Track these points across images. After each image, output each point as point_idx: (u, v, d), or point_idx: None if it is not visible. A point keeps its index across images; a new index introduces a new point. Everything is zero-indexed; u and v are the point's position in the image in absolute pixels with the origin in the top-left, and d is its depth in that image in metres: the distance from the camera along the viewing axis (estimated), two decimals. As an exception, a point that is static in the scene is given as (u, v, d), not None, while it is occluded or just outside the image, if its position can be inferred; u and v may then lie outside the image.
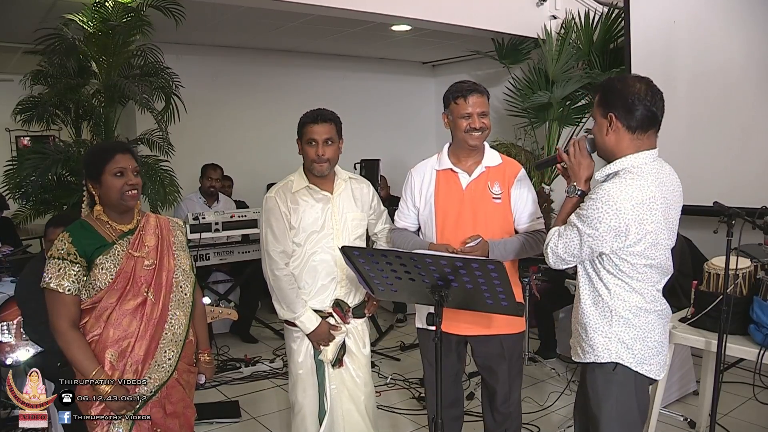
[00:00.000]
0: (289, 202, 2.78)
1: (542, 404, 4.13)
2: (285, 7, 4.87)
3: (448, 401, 2.91)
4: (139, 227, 2.34)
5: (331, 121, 2.80)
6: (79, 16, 4.52)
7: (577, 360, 2.30)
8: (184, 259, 2.44)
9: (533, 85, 6.25)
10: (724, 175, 4.57)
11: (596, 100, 2.18)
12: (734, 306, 2.89)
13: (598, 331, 2.18)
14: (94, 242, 2.20)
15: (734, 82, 4.64)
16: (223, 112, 7.01)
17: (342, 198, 2.87)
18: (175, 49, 5.89)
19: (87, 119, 4.99)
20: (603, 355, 2.17)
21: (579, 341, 2.27)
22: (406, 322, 6.15)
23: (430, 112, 8.38)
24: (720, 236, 2.78)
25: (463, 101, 2.66)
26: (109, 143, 3.05)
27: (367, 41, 6.82)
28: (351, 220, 2.88)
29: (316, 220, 2.79)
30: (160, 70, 5.01)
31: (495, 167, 2.77)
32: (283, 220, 2.77)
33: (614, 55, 5.78)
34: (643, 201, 2.02)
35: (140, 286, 2.26)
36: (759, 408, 3.35)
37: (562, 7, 6.17)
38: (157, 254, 2.32)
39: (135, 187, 2.27)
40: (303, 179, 2.83)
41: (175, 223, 2.51)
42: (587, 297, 2.22)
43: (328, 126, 2.77)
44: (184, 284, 2.40)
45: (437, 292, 2.11)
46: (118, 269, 2.21)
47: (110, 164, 2.22)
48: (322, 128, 2.75)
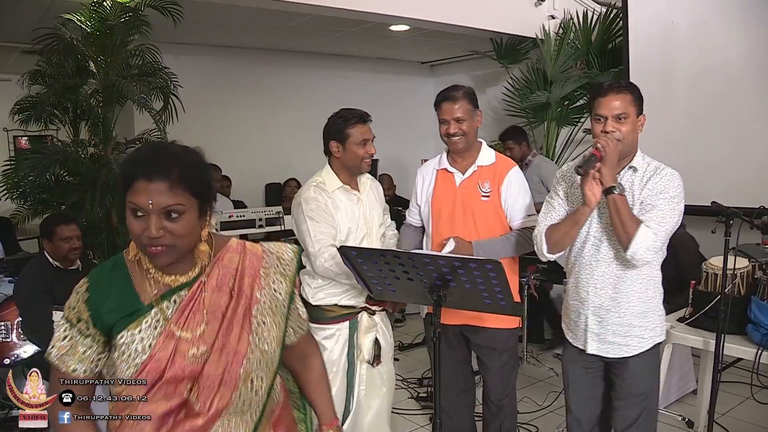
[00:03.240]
0: (329, 201, 2.76)
1: (541, 404, 4.13)
2: (283, 6, 4.87)
3: (459, 389, 3.05)
4: (201, 281, 1.46)
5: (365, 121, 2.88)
6: (77, 16, 4.51)
7: (628, 354, 2.39)
8: (274, 328, 1.51)
9: (532, 85, 6.26)
10: (722, 174, 4.57)
11: (630, 99, 2.29)
12: (732, 306, 2.89)
13: (657, 312, 2.40)
14: (122, 304, 1.42)
15: (732, 83, 4.65)
16: (221, 112, 7.01)
17: (369, 197, 2.91)
18: (174, 48, 5.88)
19: (85, 119, 4.98)
20: (661, 335, 2.42)
21: (628, 334, 2.37)
22: (404, 323, 6.14)
23: (428, 112, 8.25)
24: (718, 236, 2.78)
25: (439, 109, 2.84)
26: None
27: (366, 41, 6.82)
28: (377, 218, 2.93)
29: (352, 219, 2.79)
30: (159, 69, 5.00)
31: (487, 166, 2.86)
32: (329, 213, 2.74)
33: (612, 56, 5.79)
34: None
35: (179, 383, 1.40)
36: (757, 407, 3.36)
37: (561, 7, 6.18)
38: (219, 329, 1.43)
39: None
40: (335, 179, 2.81)
41: (281, 257, 1.58)
42: (641, 284, 2.35)
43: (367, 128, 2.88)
44: (262, 376, 1.48)
45: (435, 292, 2.12)
46: (146, 356, 1.39)
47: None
48: (368, 128, 2.85)
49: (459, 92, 2.79)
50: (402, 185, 6.90)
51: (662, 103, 4.71)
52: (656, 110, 3.98)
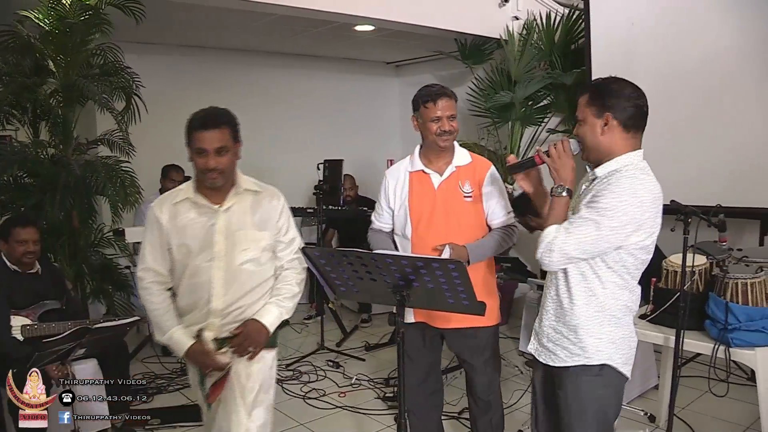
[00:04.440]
0: (169, 214, 2.44)
1: (507, 402, 4.15)
2: (248, 6, 4.84)
3: (429, 390, 3.05)
4: None
5: (225, 125, 2.39)
6: (34, 13, 4.41)
7: (558, 364, 2.21)
8: None
9: (496, 86, 6.30)
10: (680, 174, 4.65)
11: (586, 100, 2.15)
12: (691, 302, 2.96)
13: (590, 331, 2.14)
14: None
15: (691, 83, 4.74)
16: (185, 112, 6.72)
17: (233, 212, 2.44)
18: (137, 48, 5.79)
19: (45, 119, 4.88)
20: (594, 357, 2.13)
21: (562, 344, 2.20)
22: (370, 323, 6.14)
23: (394, 111, 8.39)
24: (677, 234, 2.84)
25: (433, 105, 2.75)
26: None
27: (331, 41, 6.80)
28: (241, 240, 2.44)
29: (196, 236, 2.41)
30: (121, 69, 4.92)
31: (465, 166, 2.84)
32: (160, 233, 2.44)
33: (575, 56, 5.85)
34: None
35: None
36: (714, 401, 3.43)
37: (524, 8, 6.22)
38: None
39: None
40: (190, 189, 2.46)
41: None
42: (579, 296, 2.15)
43: (219, 132, 2.36)
44: None
45: (398, 293, 2.12)
46: None
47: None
48: (212, 135, 2.35)
49: (450, 90, 2.80)
50: (367, 186, 6.90)
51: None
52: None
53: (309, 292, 6.65)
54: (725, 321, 2.91)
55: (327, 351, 5.28)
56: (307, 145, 7.45)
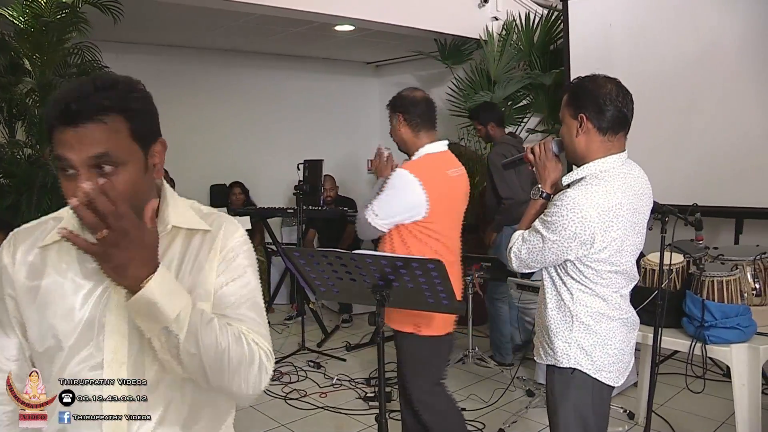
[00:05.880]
0: (27, 267, 1.30)
1: (487, 401, 4.18)
2: (227, 6, 4.80)
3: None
4: None
5: (114, 111, 1.20)
6: (8, 11, 4.35)
7: (539, 361, 2.29)
8: None
9: (475, 86, 6.32)
10: (657, 173, 4.62)
11: (565, 100, 2.13)
12: (669, 300, 2.98)
13: (558, 335, 2.15)
14: None
15: (667, 84, 4.79)
16: (164, 112, 6.64)
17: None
18: (115, 47, 5.74)
19: (21, 119, 4.81)
20: (562, 360, 2.16)
21: (542, 342, 2.25)
22: (351, 323, 6.14)
23: (374, 111, 8.39)
24: (654, 233, 2.86)
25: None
26: None
27: (311, 41, 6.78)
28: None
29: (71, 313, 1.26)
30: (98, 68, 4.86)
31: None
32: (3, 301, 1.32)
33: (554, 56, 5.89)
34: (609, 208, 1.99)
35: None
36: (692, 397, 3.48)
37: (504, 8, 6.25)
38: None
39: None
40: (73, 220, 1.27)
41: None
42: (551, 300, 2.18)
43: (98, 128, 1.16)
44: None
45: (378, 292, 2.12)
46: None
47: None
48: (84, 133, 1.15)
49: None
50: (347, 185, 6.90)
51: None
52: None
53: (290, 293, 6.64)
54: (702, 318, 2.95)
55: (308, 351, 5.27)
56: (286, 145, 7.43)
